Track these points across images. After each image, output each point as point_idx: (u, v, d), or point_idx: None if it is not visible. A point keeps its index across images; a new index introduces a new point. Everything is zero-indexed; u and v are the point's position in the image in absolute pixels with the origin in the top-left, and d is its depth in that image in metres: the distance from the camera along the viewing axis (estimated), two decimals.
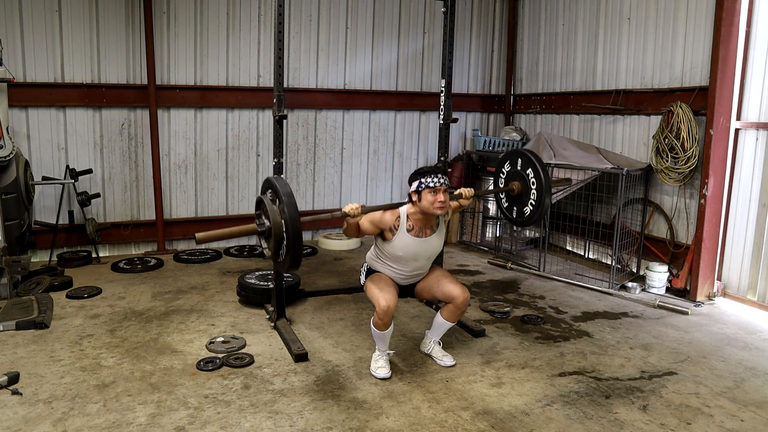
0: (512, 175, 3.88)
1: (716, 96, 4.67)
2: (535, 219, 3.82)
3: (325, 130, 6.57)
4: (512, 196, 3.90)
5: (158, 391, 3.10)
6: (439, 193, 3.14)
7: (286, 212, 2.72)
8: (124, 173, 5.76)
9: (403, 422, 2.87)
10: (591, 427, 2.87)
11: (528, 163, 3.75)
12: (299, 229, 2.74)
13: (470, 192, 3.43)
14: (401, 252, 3.27)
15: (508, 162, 3.92)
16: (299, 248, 2.78)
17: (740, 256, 4.82)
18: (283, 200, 2.75)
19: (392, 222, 3.25)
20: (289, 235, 2.74)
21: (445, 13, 4.26)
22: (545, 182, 3.66)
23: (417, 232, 3.26)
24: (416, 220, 3.25)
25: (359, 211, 3.10)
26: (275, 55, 3.77)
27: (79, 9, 5.34)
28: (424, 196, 3.15)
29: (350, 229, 3.20)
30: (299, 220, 2.74)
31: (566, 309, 4.60)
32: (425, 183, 3.14)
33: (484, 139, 6.76)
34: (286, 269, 2.92)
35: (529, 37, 7.01)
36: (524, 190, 3.79)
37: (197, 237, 2.69)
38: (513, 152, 3.91)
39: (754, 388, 3.34)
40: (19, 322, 3.84)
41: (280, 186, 2.80)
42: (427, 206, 3.15)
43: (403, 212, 3.27)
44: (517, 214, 3.90)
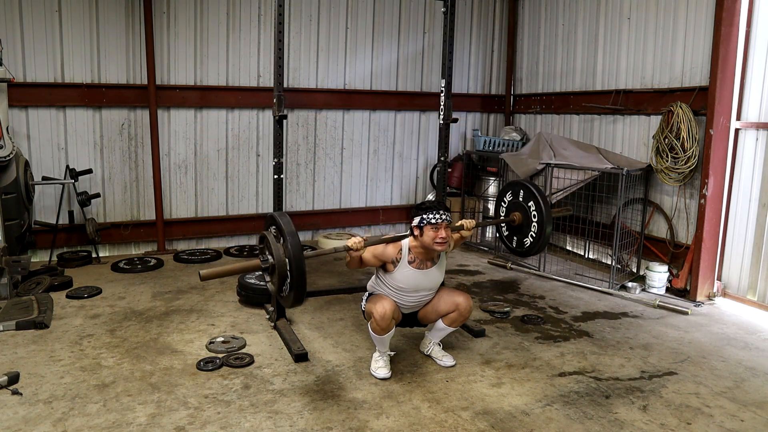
0: (513, 206, 3.94)
1: (716, 96, 4.67)
2: (535, 251, 3.89)
3: (325, 130, 6.57)
4: (513, 227, 3.97)
5: (158, 391, 3.10)
6: (440, 230, 3.17)
7: (290, 251, 2.76)
8: (124, 173, 5.76)
9: (403, 422, 2.87)
10: (591, 427, 2.87)
11: (530, 196, 3.82)
12: (303, 268, 2.78)
13: (471, 223, 3.46)
14: (402, 284, 3.30)
15: (510, 192, 3.99)
16: (303, 285, 2.82)
17: (740, 256, 4.82)
18: (287, 239, 2.78)
19: (394, 255, 3.28)
20: (293, 273, 2.77)
21: (445, 13, 4.26)
22: (546, 215, 3.73)
23: (418, 264, 3.30)
24: (417, 252, 3.29)
25: (362, 245, 3.12)
26: (275, 55, 3.77)
27: (79, 9, 5.34)
28: (425, 231, 3.18)
29: (353, 262, 3.23)
30: (303, 260, 2.78)
31: (566, 309, 4.60)
32: (427, 219, 3.17)
33: (484, 139, 6.76)
34: (290, 305, 2.98)
35: (529, 37, 7.01)
36: (525, 221, 3.86)
37: (201, 274, 2.77)
38: (515, 183, 3.99)
39: (754, 388, 3.34)
40: (19, 322, 3.84)
41: (284, 224, 2.83)
42: (428, 242, 3.19)
43: (405, 245, 3.30)
44: (517, 244, 3.98)
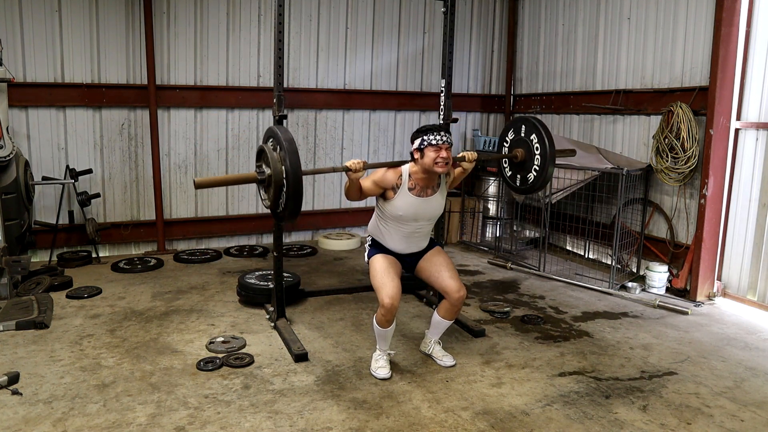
0: (516, 143, 3.81)
1: (716, 96, 4.67)
2: (540, 185, 3.72)
3: (325, 130, 6.57)
4: (516, 164, 3.83)
5: (158, 391, 3.10)
6: (441, 150, 3.09)
7: (287, 159, 2.68)
8: (124, 173, 5.76)
9: (403, 422, 2.87)
10: (591, 427, 2.87)
11: (532, 129, 3.68)
12: (300, 175, 2.69)
13: (473, 155, 3.36)
14: (402, 211, 3.22)
15: (512, 130, 3.85)
16: (299, 196, 2.73)
17: (740, 256, 4.82)
18: (284, 147, 2.70)
19: (394, 181, 3.20)
20: (289, 181, 2.69)
21: (445, 13, 4.26)
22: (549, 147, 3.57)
23: (419, 192, 3.22)
24: (418, 179, 3.21)
25: (361, 166, 3.06)
26: (275, 55, 3.77)
27: (79, 9, 5.34)
28: (426, 153, 3.10)
29: (352, 189, 3.15)
30: (300, 167, 2.70)
31: (566, 309, 4.60)
32: (428, 140, 3.09)
33: (484, 139, 6.76)
34: (285, 218, 2.86)
35: (529, 37, 7.01)
36: (528, 156, 3.72)
37: (196, 182, 2.68)
38: (517, 120, 3.84)
39: (754, 388, 3.34)
40: (19, 322, 3.84)
41: (281, 134, 2.75)
42: (429, 163, 3.10)
43: (405, 171, 3.23)
44: (521, 181, 3.82)
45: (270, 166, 2.76)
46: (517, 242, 6.45)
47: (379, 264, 3.30)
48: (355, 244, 6.41)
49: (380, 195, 3.28)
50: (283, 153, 2.71)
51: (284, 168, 2.70)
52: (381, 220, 3.36)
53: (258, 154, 2.93)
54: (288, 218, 2.85)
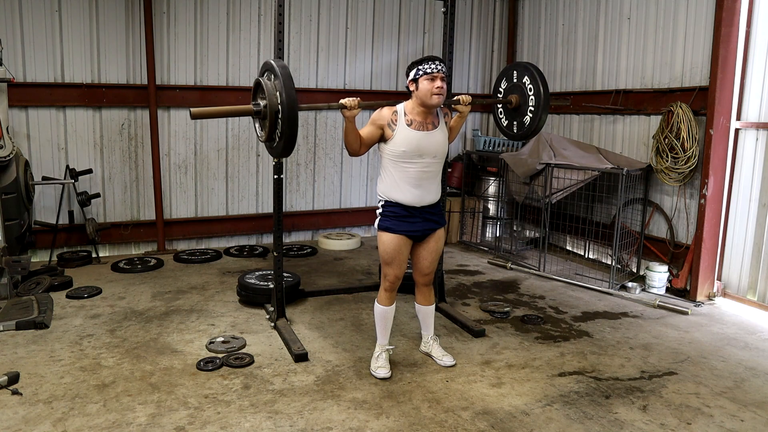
0: (510, 90, 3.78)
1: (716, 96, 4.67)
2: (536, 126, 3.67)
3: (325, 130, 6.57)
4: (510, 110, 3.80)
5: (158, 391, 3.10)
6: (437, 80, 3.06)
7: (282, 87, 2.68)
8: (124, 173, 5.76)
9: (403, 422, 2.87)
10: (591, 427, 2.87)
11: (524, 72, 3.65)
12: (295, 99, 2.68)
13: (468, 98, 3.32)
14: (404, 147, 3.13)
15: (504, 79, 3.82)
16: (295, 122, 2.71)
17: (740, 256, 4.82)
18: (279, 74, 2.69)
19: (389, 117, 3.16)
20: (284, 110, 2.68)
21: (445, 13, 4.26)
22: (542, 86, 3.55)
23: (417, 126, 3.17)
24: (415, 114, 3.17)
25: (356, 103, 3.03)
26: (275, 55, 3.76)
27: (79, 9, 5.34)
28: (421, 83, 3.07)
29: (350, 133, 3.10)
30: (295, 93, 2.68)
31: (566, 309, 4.60)
32: (423, 69, 3.06)
33: (484, 139, 6.76)
34: (280, 151, 2.85)
35: (529, 37, 7.01)
36: (522, 100, 3.69)
37: (192, 111, 2.66)
38: (508, 67, 3.82)
39: (754, 388, 3.34)
40: (19, 322, 3.84)
41: (277, 65, 2.75)
42: (425, 93, 3.07)
43: (400, 108, 3.20)
44: (518, 127, 3.79)
45: (266, 98, 2.76)
46: (517, 242, 6.45)
47: (393, 241, 3.23)
48: (355, 244, 6.41)
49: (381, 140, 3.22)
50: (278, 82, 2.70)
51: (279, 94, 2.70)
52: (387, 170, 3.24)
53: (254, 87, 2.92)
54: (283, 150, 2.82)
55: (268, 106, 2.75)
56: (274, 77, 2.77)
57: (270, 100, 2.74)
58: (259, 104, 2.85)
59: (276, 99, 2.74)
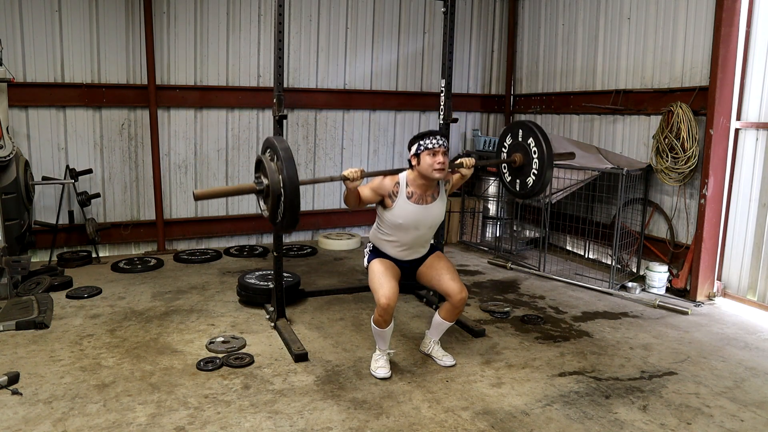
0: (514, 148, 3.80)
1: (716, 96, 4.67)
2: (539, 189, 3.71)
3: (325, 130, 6.57)
4: (515, 169, 3.82)
5: (158, 391, 3.10)
6: (438, 155, 3.09)
7: (284, 169, 2.69)
8: (124, 173, 5.76)
9: (403, 422, 2.87)
10: (591, 427, 2.87)
11: (529, 133, 3.67)
12: (297, 184, 2.70)
13: (471, 161, 3.36)
14: (401, 220, 3.21)
15: (509, 135, 3.84)
16: (297, 205, 2.73)
17: (740, 256, 4.82)
18: (281, 156, 2.71)
19: (391, 188, 3.19)
20: (286, 191, 2.70)
21: (445, 13, 4.26)
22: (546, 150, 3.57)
23: (417, 199, 3.21)
24: (416, 186, 3.20)
25: (359, 174, 3.05)
26: (275, 55, 3.77)
27: (79, 9, 5.34)
28: (423, 158, 3.10)
29: (350, 197, 3.15)
30: (297, 176, 2.70)
31: (566, 309, 4.60)
32: (424, 145, 3.09)
33: (484, 139, 6.76)
34: (284, 228, 2.87)
35: (529, 37, 7.01)
36: (526, 160, 3.71)
37: (195, 194, 2.69)
38: (514, 124, 3.84)
39: (754, 388, 3.34)
40: (19, 322, 3.84)
41: (279, 144, 2.77)
42: (426, 168, 3.10)
43: (402, 178, 3.22)
44: (521, 186, 3.82)
45: (268, 177, 2.78)
46: (517, 242, 6.45)
47: (378, 267, 3.30)
48: (355, 244, 6.41)
49: (379, 203, 3.27)
50: (280, 163, 2.73)
51: (282, 178, 2.72)
52: (381, 229, 3.36)
53: (256, 164, 2.94)
54: (286, 228, 2.86)
55: (271, 186, 2.77)
56: (276, 158, 2.78)
57: (272, 180, 2.76)
58: (262, 182, 2.86)
59: (279, 183, 2.75)
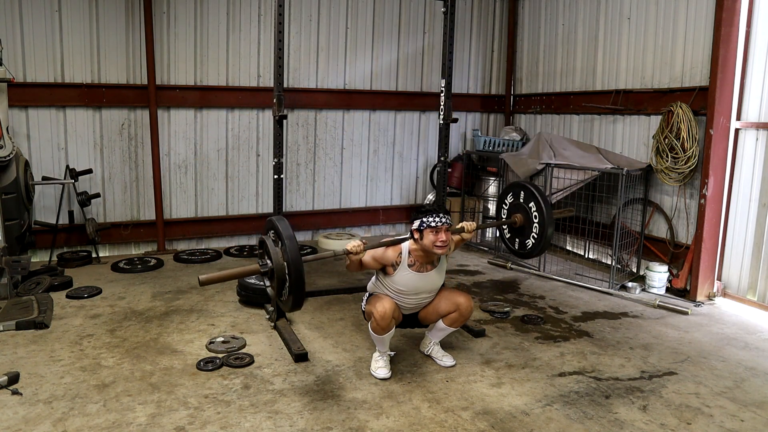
0: (515, 208, 3.93)
1: (716, 96, 4.67)
2: (537, 252, 3.86)
3: (325, 130, 6.57)
4: (515, 229, 3.95)
5: (158, 391, 3.10)
6: (440, 233, 3.17)
7: (288, 255, 2.77)
8: (124, 173, 5.76)
9: (403, 422, 2.87)
10: (591, 427, 2.87)
11: (530, 197, 3.80)
12: (302, 272, 2.78)
13: (472, 226, 3.47)
14: (402, 286, 3.31)
15: (511, 194, 3.97)
16: (302, 290, 2.83)
17: (740, 256, 4.82)
18: (285, 243, 2.79)
19: (394, 258, 3.28)
20: (291, 277, 2.78)
21: (445, 13, 4.26)
22: (547, 216, 3.70)
23: (418, 268, 3.30)
24: (417, 256, 3.29)
25: (361, 248, 3.14)
26: (275, 55, 3.77)
27: (79, 9, 5.34)
28: (425, 235, 3.18)
29: (352, 265, 3.24)
30: (302, 264, 2.79)
31: (566, 309, 4.60)
32: (427, 222, 3.17)
33: (484, 139, 6.76)
34: (289, 309, 3.00)
35: (529, 37, 7.01)
36: (526, 223, 3.84)
37: (201, 280, 2.75)
38: (516, 185, 3.98)
39: (754, 388, 3.34)
40: (19, 322, 3.84)
41: (282, 228, 2.84)
42: (428, 245, 3.18)
43: (405, 248, 3.30)
44: (519, 246, 3.95)
45: (272, 260, 2.86)
46: None
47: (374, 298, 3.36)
48: None
49: (380, 270, 3.34)
50: (284, 248, 2.80)
51: (286, 264, 2.80)
52: (381, 289, 3.40)
53: (260, 244, 3.02)
54: (291, 309, 2.97)
55: (275, 268, 2.84)
56: (281, 243, 2.84)
57: (276, 264, 2.83)
58: (267, 264, 2.93)
59: (283, 268, 2.82)
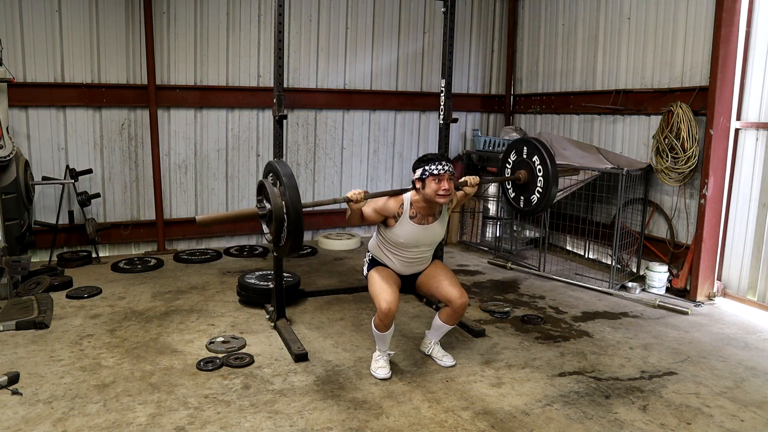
0: (518, 164, 3.80)
1: (716, 96, 4.67)
2: (543, 207, 3.72)
3: (325, 130, 6.57)
4: (519, 185, 3.83)
5: (158, 391, 3.10)
6: (443, 181, 3.08)
7: (286, 194, 2.71)
8: (124, 173, 5.76)
9: (403, 422, 2.87)
10: (591, 427, 2.87)
11: (534, 151, 3.68)
12: (300, 210, 2.71)
13: (475, 180, 3.38)
14: (403, 239, 3.23)
15: (514, 151, 3.85)
16: (300, 231, 2.74)
17: (740, 256, 4.82)
18: (283, 182, 2.72)
19: (396, 209, 3.20)
20: (290, 216, 2.71)
21: (445, 13, 4.26)
22: (551, 169, 3.58)
23: (420, 220, 3.22)
24: (419, 207, 3.21)
25: (362, 197, 3.06)
26: (275, 55, 3.77)
27: (79, 9, 5.34)
28: (427, 183, 3.10)
29: (353, 217, 3.16)
30: (300, 202, 2.72)
31: (566, 309, 4.60)
32: (429, 170, 3.08)
33: (484, 139, 6.76)
34: (287, 253, 2.88)
35: (529, 37, 7.01)
36: (530, 178, 3.72)
37: (197, 219, 2.68)
38: (519, 141, 3.85)
39: (754, 388, 3.34)
40: (19, 322, 3.84)
41: (281, 169, 2.78)
42: (430, 194, 3.10)
43: (406, 199, 3.23)
44: (524, 203, 3.82)
45: (270, 202, 2.79)
46: (517, 242, 6.45)
47: (378, 274, 3.33)
48: (355, 244, 6.41)
49: (381, 222, 3.29)
50: (282, 188, 2.74)
51: (284, 203, 2.73)
52: (382, 244, 3.38)
53: (258, 188, 2.96)
54: (290, 253, 2.87)
55: (274, 211, 2.77)
56: (279, 183, 2.79)
57: (275, 205, 2.76)
58: (265, 207, 2.87)
59: (281, 208, 2.75)
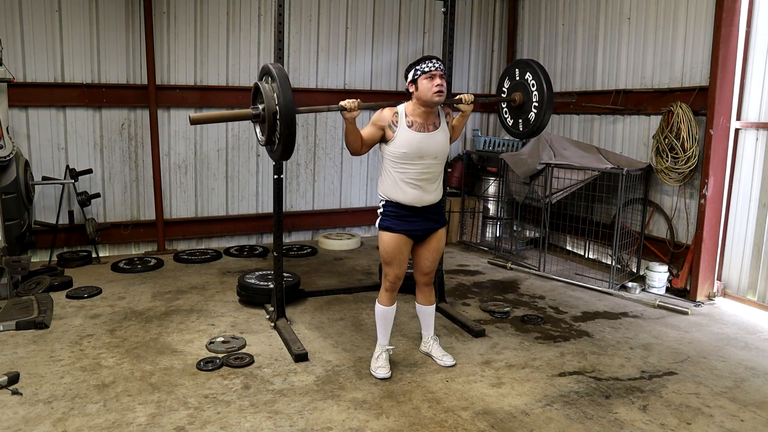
0: (513, 88, 3.77)
1: (716, 96, 4.67)
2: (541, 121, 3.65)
3: (325, 130, 6.57)
4: (515, 108, 3.79)
5: (158, 391, 3.10)
6: (436, 78, 3.04)
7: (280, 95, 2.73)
8: (124, 173, 5.76)
9: (403, 422, 2.87)
10: (591, 427, 2.87)
11: (525, 68, 3.64)
12: (292, 105, 2.73)
13: (470, 97, 3.31)
14: (405, 149, 3.12)
15: (506, 78, 3.82)
16: (293, 132, 2.77)
17: (740, 256, 4.82)
18: (276, 78, 2.75)
19: (391, 118, 3.15)
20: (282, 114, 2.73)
21: (445, 13, 4.26)
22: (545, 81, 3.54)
23: (418, 128, 3.15)
24: (416, 115, 3.15)
25: (356, 105, 3.01)
26: (275, 55, 3.77)
27: (79, 9, 5.34)
28: (420, 83, 3.05)
29: (351, 134, 3.09)
30: (293, 99, 2.74)
31: (566, 309, 4.60)
32: (421, 69, 3.04)
33: (484, 139, 6.76)
34: (278, 155, 2.91)
35: (529, 37, 7.01)
36: (526, 98, 3.69)
37: (191, 117, 2.71)
38: (511, 65, 3.81)
39: (754, 388, 3.34)
40: (19, 322, 3.84)
41: (275, 69, 2.81)
42: (425, 93, 3.05)
43: (401, 109, 3.18)
44: (523, 125, 3.77)
45: (264, 101, 2.81)
46: (517, 242, 6.45)
47: (393, 241, 3.24)
48: (355, 244, 6.41)
49: (382, 141, 3.21)
50: (276, 85, 2.76)
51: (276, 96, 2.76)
52: (388, 170, 3.24)
53: (253, 92, 2.97)
54: (282, 153, 2.87)
55: (267, 109, 2.79)
56: (271, 80, 2.81)
57: (268, 103, 2.79)
58: (258, 108, 2.89)
59: (274, 102, 2.79)
